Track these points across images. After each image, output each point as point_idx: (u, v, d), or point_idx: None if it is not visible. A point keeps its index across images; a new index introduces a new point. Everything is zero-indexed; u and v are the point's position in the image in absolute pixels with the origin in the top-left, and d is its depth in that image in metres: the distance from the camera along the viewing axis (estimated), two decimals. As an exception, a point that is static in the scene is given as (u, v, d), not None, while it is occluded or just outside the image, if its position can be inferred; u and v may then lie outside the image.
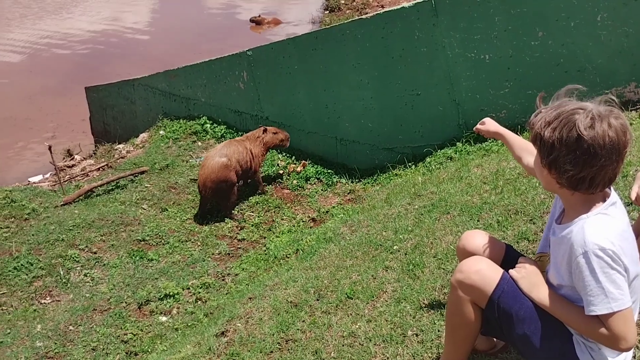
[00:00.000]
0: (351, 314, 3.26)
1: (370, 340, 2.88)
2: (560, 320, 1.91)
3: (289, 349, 3.17)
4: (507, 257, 2.17)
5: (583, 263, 1.76)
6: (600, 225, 1.78)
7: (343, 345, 2.96)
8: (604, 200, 1.85)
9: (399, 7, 6.26)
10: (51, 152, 7.31)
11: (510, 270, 2.00)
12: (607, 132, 1.72)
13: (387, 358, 2.68)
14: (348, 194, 6.76)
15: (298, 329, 3.32)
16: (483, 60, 5.82)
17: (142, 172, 7.70)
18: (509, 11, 5.51)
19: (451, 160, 5.78)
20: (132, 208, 6.87)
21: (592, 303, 1.76)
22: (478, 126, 2.56)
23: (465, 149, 5.83)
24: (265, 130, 7.06)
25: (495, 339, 2.39)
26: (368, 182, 6.77)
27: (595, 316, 1.78)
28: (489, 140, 5.66)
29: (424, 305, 3.01)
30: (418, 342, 2.71)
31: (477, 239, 2.23)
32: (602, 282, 1.74)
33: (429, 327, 2.77)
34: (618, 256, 1.73)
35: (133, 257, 5.91)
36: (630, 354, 1.99)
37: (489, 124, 2.52)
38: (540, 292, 1.93)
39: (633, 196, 2.29)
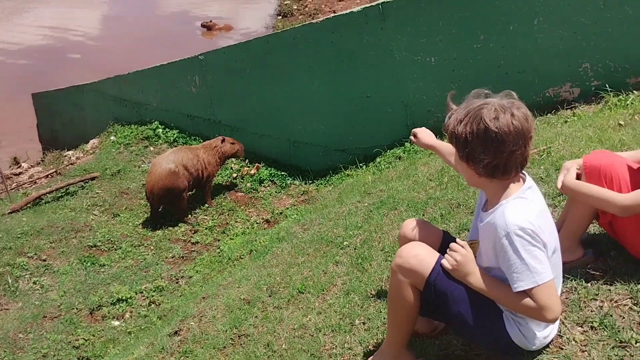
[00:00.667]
0: (302, 308, 3.34)
1: (320, 331, 2.97)
2: (491, 299, 2.04)
3: (241, 344, 3.23)
4: (444, 243, 2.30)
5: (506, 244, 1.90)
6: (519, 208, 1.94)
7: (294, 337, 3.05)
8: (521, 186, 2.01)
9: (347, 11, 6.41)
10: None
11: (442, 261, 2.11)
12: (511, 121, 1.91)
13: (336, 346, 2.77)
14: (301, 195, 6.84)
15: (250, 324, 3.39)
16: (429, 63, 6.00)
17: (93, 178, 7.63)
18: (452, 16, 5.71)
19: (400, 159, 5.93)
20: (83, 214, 6.80)
21: (518, 279, 1.91)
22: (411, 137, 2.70)
23: (413, 148, 5.98)
24: (223, 140, 7.06)
25: (436, 322, 2.52)
26: (321, 183, 6.87)
27: (523, 292, 1.91)
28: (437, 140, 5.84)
29: (371, 295, 3.12)
30: (365, 329, 2.81)
31: (416, 226, 2.35)
32: (525, 259, 1.88)
33: (376, 315, 2.88)
34: (537, 234, 1.89)
35: (84, 263, 5.85)
36: (555, 328, 2.13)
37: (422, 136, 2.66)
38: (471, 279, 2.04)
39: (559, 185, 2.45)
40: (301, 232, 4.74)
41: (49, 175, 8.15)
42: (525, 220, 1.90)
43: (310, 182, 7.06)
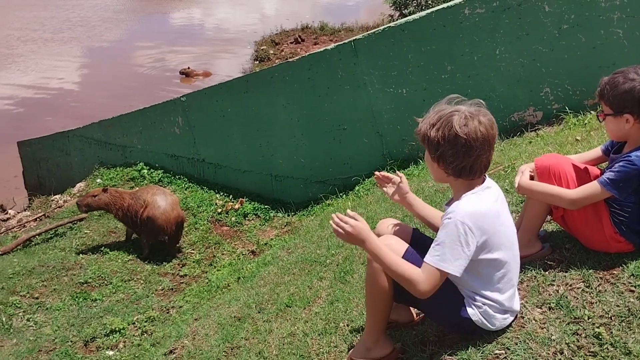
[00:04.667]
0: (290, 319, 3.56)
1: (307, 336, 3.19)
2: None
3: (234, 355, 3.43)
4: (414, 238, 2.55)
5: (447, 224, 2.18)
6: (471, 203, 2.21)
7: (283, 345, 3.25)
8: (481, 185, 2.29)
9: (322, 49, 6.79)
10: (-13, 204, 7.33)
11: (332, 226, 2.26)
12: (478, 127, 2.17)
13: (323, 347, 2.98)
14: (285, 226, 7.08)
15: (242, 338, 3.59)
16: (401, 94, 6.36)
17: (81, 220, 7.80)
18: (420, 49, 6.11)
19: (376, 185, 6.21)
20: (73, 254, 6.95)
21: (431, 252, 2.19)
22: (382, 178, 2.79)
23: (390, 175, 6.28)
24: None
25: (415, 314, 2.76)
26: (303, 214, 7.12)
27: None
28: (411, 166, 6.17)
29: (354, 302, 3.35)
30: (349, 330, 3.04)
31: (388, 224, 2.61)
32: (447, 245, 2.16)
33: (358, 316, 3.11)
34: (472, 232, 2.15)
35: (76, 299, 5.98)
36: (510, 318, 2.37)
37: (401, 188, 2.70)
38: (367, 246, 2.22)
39: (516, 185, 2.74)
40: (286, 255, 4.98)
41: (38, 219, 8.31)
42: (471, 215, 2.16)
43: (293, 213, 7.31)
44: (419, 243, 2.49)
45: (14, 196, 11.17)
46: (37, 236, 7.46)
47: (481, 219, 2.18)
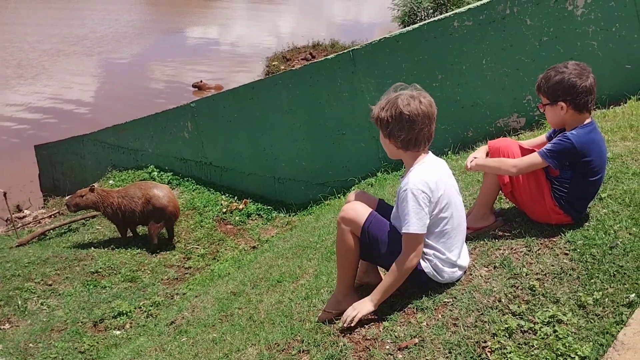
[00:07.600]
0: (279, 291, 3.95)
1: (292, 301, 3.58)
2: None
3: (227, 320, 3.82)
4: (380, 206, 2.96)
5: (404, 196, 2.60)
6: (421, 172, 2.64)
7: (271, 309, 3.64)
8: (426, 156, 2.73)
9: (322, 59, 7.25)
10: (6, 198, 7.80)
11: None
12: (419, 106, 2.63)
13: (304, 307, 3.37)
14: (286, 225, 7.48)
15: (236, 307, 3.99)
16: (395, 101, 6.76)
17: (93, 217, 8.25)
18: (413, 58, 6.54)
19: (371, 186, 6.62)
20: (85, 246, 7.39)
21: (404, 224, 2.60)
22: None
23: (383, 177, 6.70)
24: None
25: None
26: (303, 214, 7.52)
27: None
28: (402, 169, 6.56)
29: (335, 274, 3.73)
30: (328, 294, 3.43)
31: (357, 195, 3.02)
32: (410, 213, 2.57)
33: (337, 283, 3.50)
34: (428, 197, 2.58)
35: (87, 287, 6.41)
36: (462, 267, 2.77)
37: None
38: (375, 302, 2.72)
39: (468, 165, 3.15)
40: (282, 243, 5.38)
41: (52, 216, 8.77)
42: (424, 182, 2.58)
43: (293, 214, 7.72)
44: (383, 210, 2.89)
45: (30, 198, 11.69)
46: (51, 230, 7.92)
47: (430, 183, 2.60)
